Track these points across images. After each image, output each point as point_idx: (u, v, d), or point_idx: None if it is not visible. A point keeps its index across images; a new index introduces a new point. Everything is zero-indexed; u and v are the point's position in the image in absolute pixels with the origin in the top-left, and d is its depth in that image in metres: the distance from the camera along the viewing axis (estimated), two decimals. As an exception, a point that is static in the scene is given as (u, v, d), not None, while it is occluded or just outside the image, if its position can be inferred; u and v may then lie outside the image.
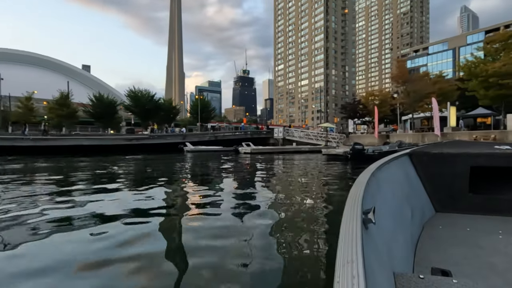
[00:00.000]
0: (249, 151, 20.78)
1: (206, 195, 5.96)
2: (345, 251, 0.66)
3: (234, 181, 8.43)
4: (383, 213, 1.22)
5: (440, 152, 2.30)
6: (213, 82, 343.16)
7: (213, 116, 52.76)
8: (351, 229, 0.76)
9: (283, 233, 3.48)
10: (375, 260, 0.82)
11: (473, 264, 1.37)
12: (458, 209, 2.19)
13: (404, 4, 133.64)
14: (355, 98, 51.07)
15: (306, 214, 4.46)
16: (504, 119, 21.99)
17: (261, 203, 5.16)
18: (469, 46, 65.86)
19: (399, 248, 1.29)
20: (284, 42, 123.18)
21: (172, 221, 4.11)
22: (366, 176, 1.31)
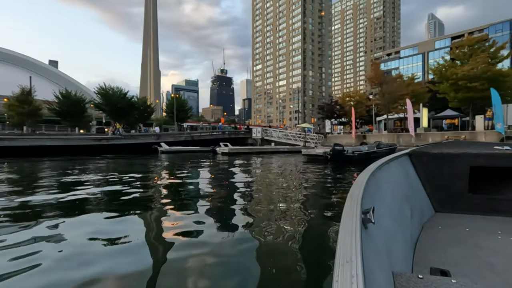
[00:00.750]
0: (227, 151, 20.10)
1: (181, 200, 5.30)
2: (344, 250, 0.66)
3: (213, 182, 7.79)
4: (383, 213, 1.22)
5: (440, 152, 2.27)
6: (190, 81, 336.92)
7: (189, 115, 51.32)
8: (351, 229, 0.76)
9: (279, 234, 3.39)
10: (374, 259, 0.82)
11: (472, 264, 1.36)
12: (458, 209, 2.18)
13: (377, 9, 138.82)
14: (332, 99, 51.87)
15: (300, 214, 4.33)
16: (472, 120, 23.00)
17: (248, 204, 4.90)
18: (437, 51, 69.68)
19: (398, 248, 1.28)
20: (262, 43, 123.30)
21: (148, 226, 3.45)
22: (365, 176, 1.28)
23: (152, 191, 6.64)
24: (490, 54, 22.81)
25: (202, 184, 7.69)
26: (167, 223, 4.03)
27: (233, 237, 3.30)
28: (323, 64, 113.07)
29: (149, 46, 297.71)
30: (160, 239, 3.29)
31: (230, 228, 3.71)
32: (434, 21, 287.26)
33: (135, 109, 41.67)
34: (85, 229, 3.63)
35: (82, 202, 5.31)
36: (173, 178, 9.05)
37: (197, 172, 10.60)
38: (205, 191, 6.65)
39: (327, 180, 8.40)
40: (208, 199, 5.66)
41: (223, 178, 8.95)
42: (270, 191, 6.46)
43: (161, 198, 5.84)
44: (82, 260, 2.69)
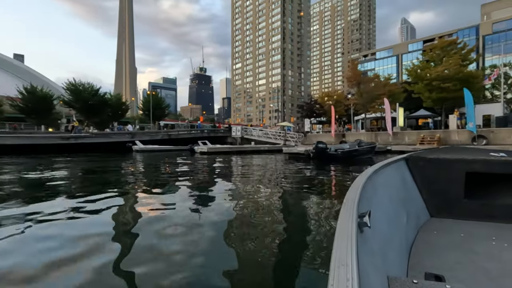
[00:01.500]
0: (206, 150, 19.36)
1: (156, 204, 4.67)
2: (340, 254, 0.66)
3: (194, 183, 7.18)
4: (379, 217, 1.22)
5: (436, 157, 2.28)
6: (168, 78, 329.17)
7: (167, 113, 49.71)
8: (346, 232, 0.77)
9: (272, 236, 3.33)
10: (370, 263, 0.83)
11: (467, 270, 1.36)
12: (453, 215, 2.17)
13: (354, 12, 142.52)
14: (311, 98, 52.31)
15: (292, 215, 4.26)
16: (446, 120, 23.83)
17: (236, 206, 4.64)
18: (410, 53, 72.53)
19: (394, 252, 1.28)
20: (242, 41, 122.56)
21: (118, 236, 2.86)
22: (362, 180, 1.28)
23: (121, 191, 5.93)
24: (461, 56, 23.70)
25: (178, 186, 7.05)
26: (141, 224, 3.45)
27: (219, 240, 3.14)
28: (302, 64, 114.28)
29: (125, 41, 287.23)
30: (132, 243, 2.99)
31: (215, 231, 3.44)
32: (406, 26, 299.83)
33: (108, 106, 39.63)
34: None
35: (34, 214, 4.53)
36: (147, 177, 8.33)
37: (173, 173, 9.90)
38: (182, 194, 6.04)
39: (315, 179, 8.04)
40: (185, 203, 5.08)
41: (202, 179, 8.35)
42: (257, 192, 5.97)
43: (132, 199, 5.17)
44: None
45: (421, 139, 20.04)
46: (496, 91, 37.55)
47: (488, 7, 67.79)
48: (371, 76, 34.04)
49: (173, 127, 39.36)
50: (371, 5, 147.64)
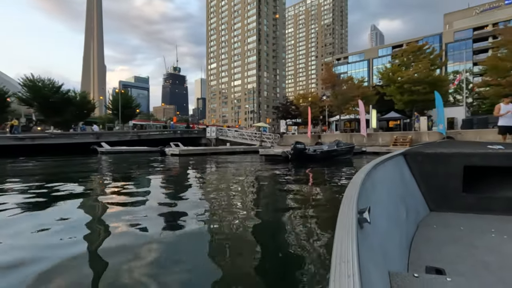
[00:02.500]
0: (177, 152, 18.20)
1: (118, 215, 3.80)
2: (341, 250, 0.67)
3: (161, 190, 6.29)
4: (378, 212, 1.23)
5: (434, 152, 2.29)
6: (140, 77, 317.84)
7: (137, 113, 47.36)
8: (347, 229, 0.77)
9: (273, 234, 3.35)
10: (370, 259, 0.83)
11: (467, 263, 1.36)
12: (452, 208, 2.18)
13: (327, 17, 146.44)
14: (287, 99, 52.42)
15: (288, 213, 4.17)
16: (418, 122, 24.57)
17: (226, 208, 4.11)
18: (380, 58, 75.56)
19: (394, 247, 1.30)
20: (217, 41, 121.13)
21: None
22: (361, 176, 1.30)
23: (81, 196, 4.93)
24: (430, 61, 24.63)
25: (145, 190, 6.14)
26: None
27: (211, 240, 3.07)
28: (277, 66, 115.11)
29: (93, 37, 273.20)
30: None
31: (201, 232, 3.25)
32: (376, 32, 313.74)
33: (72, 105, 36.87)
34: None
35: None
36: (111, 181, 7.28)
37: (140, 176, 8.89)
38: (148, 204, 5.16)
39: (299, 182, 7.46)
40: (152, 215, 4.23)
41: (172, 185, 7.46)
42: (238, 197, 5.25)
43: (94, 206, 4.23)
44: None
45: (394, 140, 20.40)
46: (458, 95, 39.75)
47: (450, 17, 72.39)
48: (345, 78, 34.55)
49: (144, 128, 37.40)
50: (343, 11, 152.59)
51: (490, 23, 62.92)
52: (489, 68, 22.26)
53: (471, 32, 64.54)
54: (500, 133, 8.39)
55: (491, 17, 64.60)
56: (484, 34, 63.74)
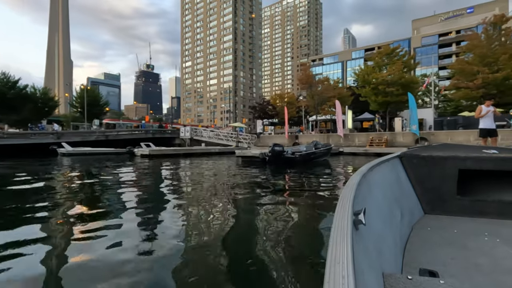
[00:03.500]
0: (147, 153, 16.94)
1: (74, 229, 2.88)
2: (336, 251, 0.67)
3: (126, 196, 5.32)
4: (373, 214, 1.24)
5: (429, 155, 2.30)
6: (110, 74, 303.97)
7: (105, 111, 44.58)
8: (342, 230, 0.78)
9: (269, 234, 3.25)
10: (365, 260, 0.84)
11: (460, 265, 1.37)
12: (446, 211, 2.20)
13: (303, 18, 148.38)
14: (264, 99, 51.98)
15: (285, 214, 4.14)
16: (392, 122, 25.03)
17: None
18: (354, 60, 77.63)
19: (389, 249, 1.30)
20: (192, 39, 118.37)
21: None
22: (357, 178, 1.30)
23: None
24: (403, 63, 25.20)
25: (103, 200, 5.16)
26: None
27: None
28: (253, 65, 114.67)
29: (58, 30, 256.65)
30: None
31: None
32: (349, 36, 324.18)
33: (31, 101, 33.78)
34: None
35: None
36: (62, 190, 6.16)
37: (101, 182, 7.79)
38: (109, 213, 4.22)
39: (281, 186, 6.79)
40: (113, 227, 3.35)
41: (138, 191, 6.48)
42: (224, 202, 4.45)
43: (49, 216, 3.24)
44: None
45: (370, 140, 20.51)
46: (426, 97, 41.49)
47: (418, 23, 75.89)
48: (322, 78, 34.71)
49: (112, 127, 35.13)
50: (318, 13, 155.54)
51: (454, 30, 66.82)
52: (457, 71, 23.14)
53: (437, 38, 68.11)
54: (481, 136, 8.25)
55: (454, 25, 68.59)
56: (448, 40, 67.57)
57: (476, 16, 63.16)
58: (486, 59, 21.05)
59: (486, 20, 22.25)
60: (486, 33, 22.04)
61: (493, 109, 8.01)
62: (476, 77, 20.87)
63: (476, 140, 18.23)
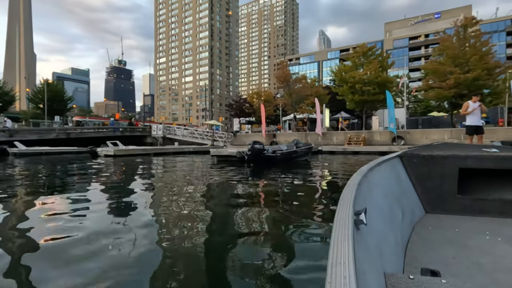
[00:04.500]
0: (112, 153, 15.35)
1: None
2: (337, 252, 0.67)
3: (80, 205, 4.16)
4: (374, 214, 1.24)
5: (430, 154, 2.29)
6: (78, 70, 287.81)
7: (69, 108, 41.35)
8: (343, 230, 0.78)
9: (271, 235, 3.20)
10: (366, 260, 0.84)
11: (461, 264, 1.37)
12: (447, 210, 2.18)
13: (280, 18, 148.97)
14: (241, 97, 50.95)
15: (287, 214, 4.13)
16: (369, 121, 25.08)
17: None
18: (329, 60, 78.83)
19: (390, 249, 1.29)
20: (167, 34, 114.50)
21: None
22: (358, 178, 1.31)
23: None
24: (380, 62, 25.37)
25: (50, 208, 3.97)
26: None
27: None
28: (230, 63, 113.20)
29: (18, 20, 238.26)
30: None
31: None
32: (324, 37, 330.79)
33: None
34: None
35: None
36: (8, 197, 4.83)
37: (50, 187, 6.47)
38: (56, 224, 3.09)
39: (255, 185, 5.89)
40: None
41: (97, 195, 5.28)
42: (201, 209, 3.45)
43: None
44: None
45: (348, 139, 20.28)
46: (398, 98, 42.68)
47: (389, 26, 78.55)
48: (299, 76, 34.37)
49: (78, 125, 32.45)
50: (295, 14, 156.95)
51: (423, 34, 69.86)
52: (431, 72, 23.60)
53: (407, 40, 70.86)
54: (468, 133, 7.87)
55: (423, 29, 71.70)
56: (418, 43, 70.56)
57: (443, 21, 66.43)
58: (457, 60, 21.59)
59: (457, 22, 22.85)
60: (458, 35, 22.64)
61: (479, 104, 7.68)
62: (449, 77, 21.32)
63: (450, 139, 18.58)
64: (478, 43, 21.51)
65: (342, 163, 12.29)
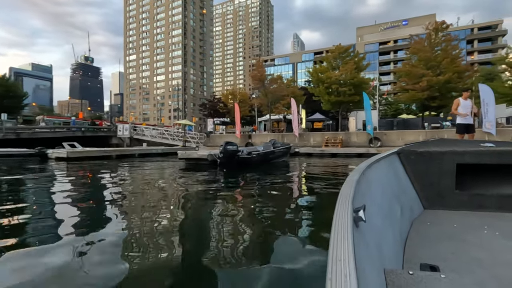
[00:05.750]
0: (65, 155, 13.40)
1: None
2: (337, 249, 0.67)
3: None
4: (373, 211, 1.25)
5: (427, 150, 2.29)
6: (40, 65, 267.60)
7: (24, 105, 37.46)
8: (342, 228, 0.78)
9: (270, 232, 3.25)
10: (366, 257, 0.85)
11: (460, 259, 1.38)
12: (445, 206, 2.20)
13: (255, 19, 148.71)
14: (215, 96, 49.34)
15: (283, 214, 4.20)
16: (346, 122, 24.87)
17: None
18: (304, 63, 79.47)
19: (389, 245, 1.30)
20: (137, 31, 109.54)
21: None
22: (356, 175, 1.31)
23: None
24: (355, 63, 25.30)
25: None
26: None
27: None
28: (204, 63, 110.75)
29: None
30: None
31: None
32: (298, 40, 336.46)
33: None
34: None
35: None
36: None
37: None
38: None
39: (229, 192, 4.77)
40: None
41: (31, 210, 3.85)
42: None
43: None
44: None
45: (325, 140, 19.76)
46: (370, 100, 43.53)
47: (361, 30, 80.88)
48: (275, 76, 33.70)
49: (30, 122, 29.25)
50: (270, 16, 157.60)
51: (392, 40, 72.62)
52: (404, 74, 23.87)
53: (377, 45, 73.25)
54: (458, 132, 7.31)
55: (392, 35, 74.55)
56: (387, 48, 73.19)
57: (410, 28, 69.48)
58: (430, 62, 21.95)
59: (428, 26, 23.31)
60: (429, 38, 23.08)
61: (471, 103, 7.15)
62: (421, 79, 21.59)
63: (426, 139, 18.69)
64: (449, 46, 22.02)
65: (324, 165, 11.52)
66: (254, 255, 2.65)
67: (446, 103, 23.29)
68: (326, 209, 4.20)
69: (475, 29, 63.92)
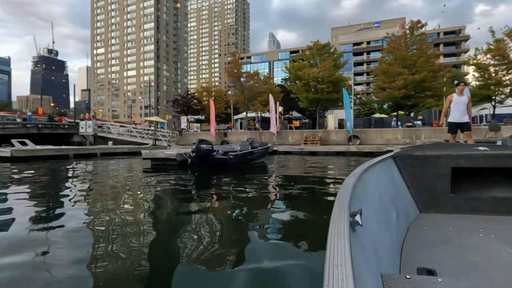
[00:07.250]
0: (9, 154, 11.47)
1: None
2: (334, 254, 0.67)
3: None
4: (370, 215, 1.25)
5: (422, 154, 2.29)
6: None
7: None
8: (339, 232, 0.78)
9: (266, 236, 3.10)
10: (363, 262, 0.85)
11: (456, 263, 1.38)
12: (441, 210, 2.19)
13: (231, 16, 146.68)
14: (188, 92, 47.32)
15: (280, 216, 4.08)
16: (325, 119, 24.45)
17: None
18: (280, 61, 79.27)
19: (386, 250, 1.30)
20: (106, 23, 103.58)
21: None
22: (352, 179, 1.31)
23: None
24: (333, 60, 24.98)
25: None
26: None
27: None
28: (178, 59, 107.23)
29: None
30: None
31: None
32: (274, 40, 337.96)
33: None
34: None
35: None
36: None
37: None
38: None
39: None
40: None
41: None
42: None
43: None
44: None
45: (304, 138, 19.13)
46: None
47: (336, 31, 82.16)
48: (252, 72, 32.73)
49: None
50: (246, 14, 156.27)
51: (365, 41, 74.46)
52: (381, 72, 23.89)
53: (351, 46, 74.75)
54: (450, 131, 6.65)
55: (365, 36, 76.44)
56: (360, 49, 74.96)
57: (382, 30, 71.50)
58: (405, 61, 22.06)
59: (404, 25, 23.47)
60: (405, 38, 23.24)
61: (467, 98, 6.53)
62: (397, 78, 21.64)
63: (403, 138, 18.67)
64: (424, 46, 22.27)
65: (301, 165, 10.72)
66: (246, 261, 2.51)
67: (419, 102, 23.61)
68: (319, 212, 4.08)
69: (441, 33, 67.12)
